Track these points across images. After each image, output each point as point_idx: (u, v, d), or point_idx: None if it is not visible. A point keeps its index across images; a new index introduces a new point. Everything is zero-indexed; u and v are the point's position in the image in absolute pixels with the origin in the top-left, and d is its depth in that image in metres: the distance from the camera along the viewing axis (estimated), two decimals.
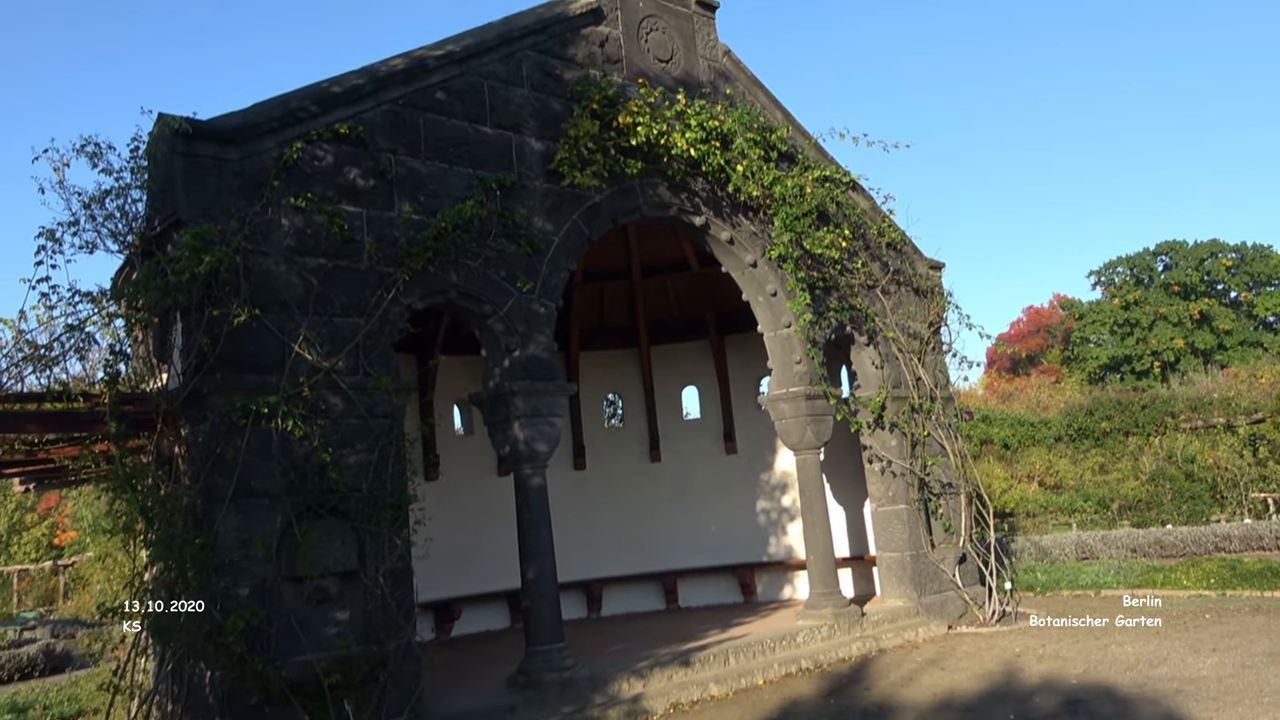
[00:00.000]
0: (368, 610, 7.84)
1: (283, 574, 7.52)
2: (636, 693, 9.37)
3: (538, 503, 9.56)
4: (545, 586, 9.45)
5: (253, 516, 7.47)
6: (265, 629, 7.25)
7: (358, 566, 7.88)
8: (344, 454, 7.94)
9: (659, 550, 15.38)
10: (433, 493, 12.03)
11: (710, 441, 15.99)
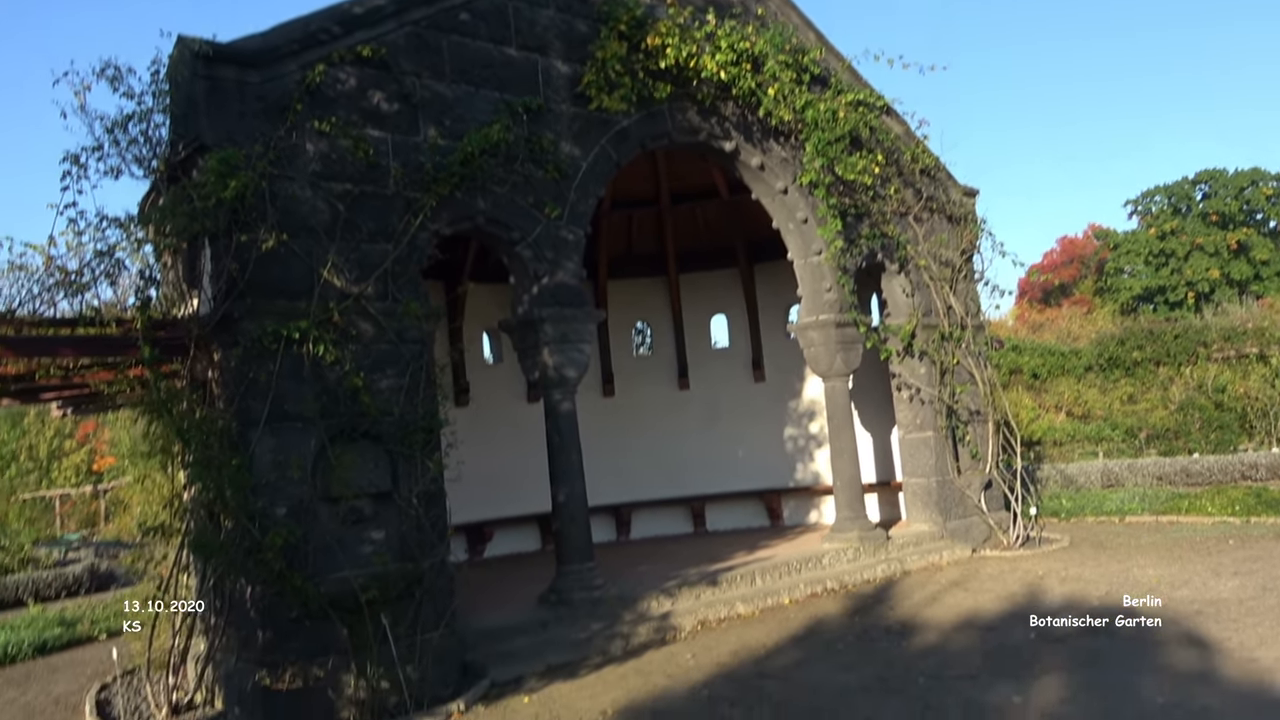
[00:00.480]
0: (402, 530, 8.01)
1: (318, 495, 7.67)
2: (665, 610, 9.57)
3: (567, 427, 9.67)
4: (575, 509, 9.60)
5: (287, 439, 7.60)
6: (303, 547, 7.43)
7: (391, 488, 8.03)
8: (375, 379, 8.03)
9: (687, 476, 15.54)
10: (463, 419, 12.15)
11: (739, 369, 16.02)
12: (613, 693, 7.57)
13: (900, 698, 6.68)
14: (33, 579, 17.82)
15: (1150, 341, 23.39)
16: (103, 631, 12.70)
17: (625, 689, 7.64)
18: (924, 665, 7.48)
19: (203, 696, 8.13)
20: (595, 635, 9.04)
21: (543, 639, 8.87)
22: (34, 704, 9.13)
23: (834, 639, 8.62)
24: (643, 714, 6.95)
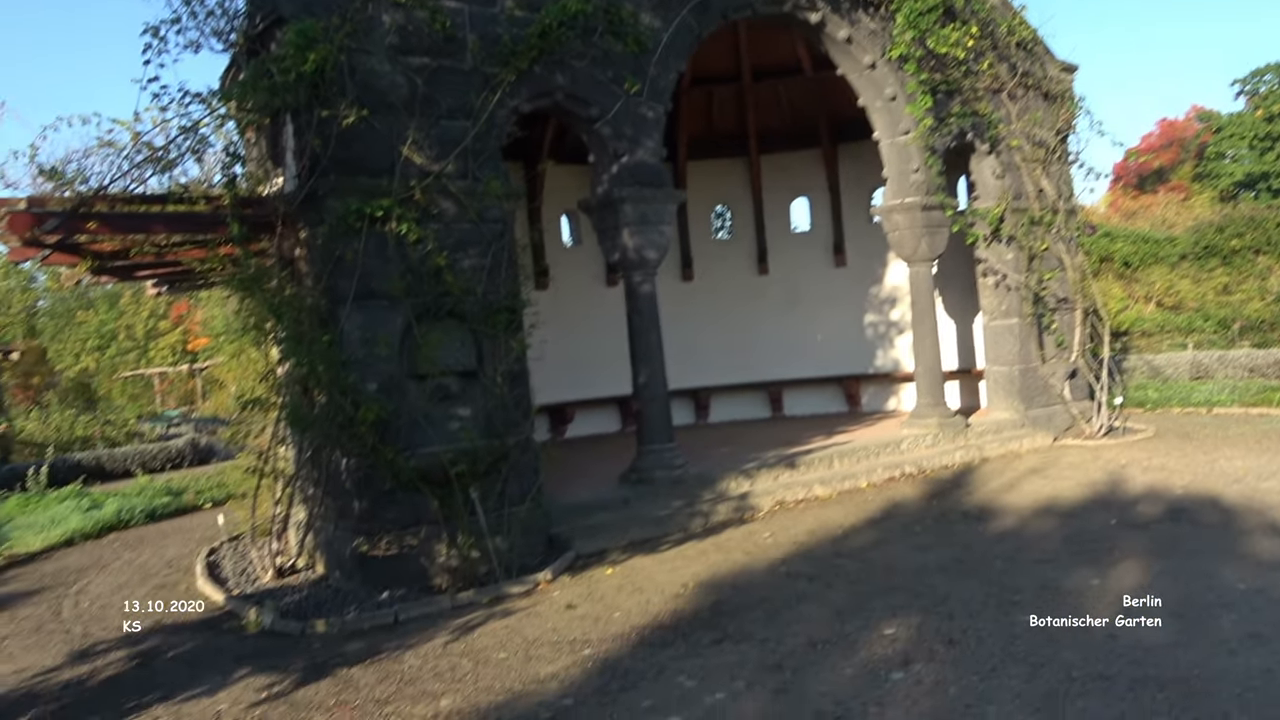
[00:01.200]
0: (488, 408, 8.18)
1: (406, 372, 7.85)
2: (744, 491, 9.70)
3: (648, 309, 9.68)
4: (656, 389, 9.69)
5: (374, 317, 7.75)
6: (394, 422, 7.65)
7: (476, 367, 8.17)
8: (458, 258, 8.09)
9: (765, 361, 15.53)
10: (543, 301, 12.24)
11: (819, 254, 15.77)
12: (693, 567, 7.76)
13: (977, 579, 6.72)
14: (139, 451, 18.80)
15: (1251, 229, 22.28)
16: (207, 501, 13.40)
17: (705, 563, 7.82)
18: (1001, 549, 7.48)
19: (304, 561, 8.56)
20: (675, 513, 9.23)
21: (625, 515, 9.09)
22: (149, 565, 9.73)
23: (911, 521, 8.66)
24: (722, 587, 7.11)
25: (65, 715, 5.62)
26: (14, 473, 15.82)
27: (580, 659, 5.82)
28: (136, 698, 5.78)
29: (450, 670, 5.81)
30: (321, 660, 6.20)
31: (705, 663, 5.58)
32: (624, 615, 6.63)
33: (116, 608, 8.09)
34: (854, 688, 5.00)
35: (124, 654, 6.72)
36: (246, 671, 6.10)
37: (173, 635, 7.11)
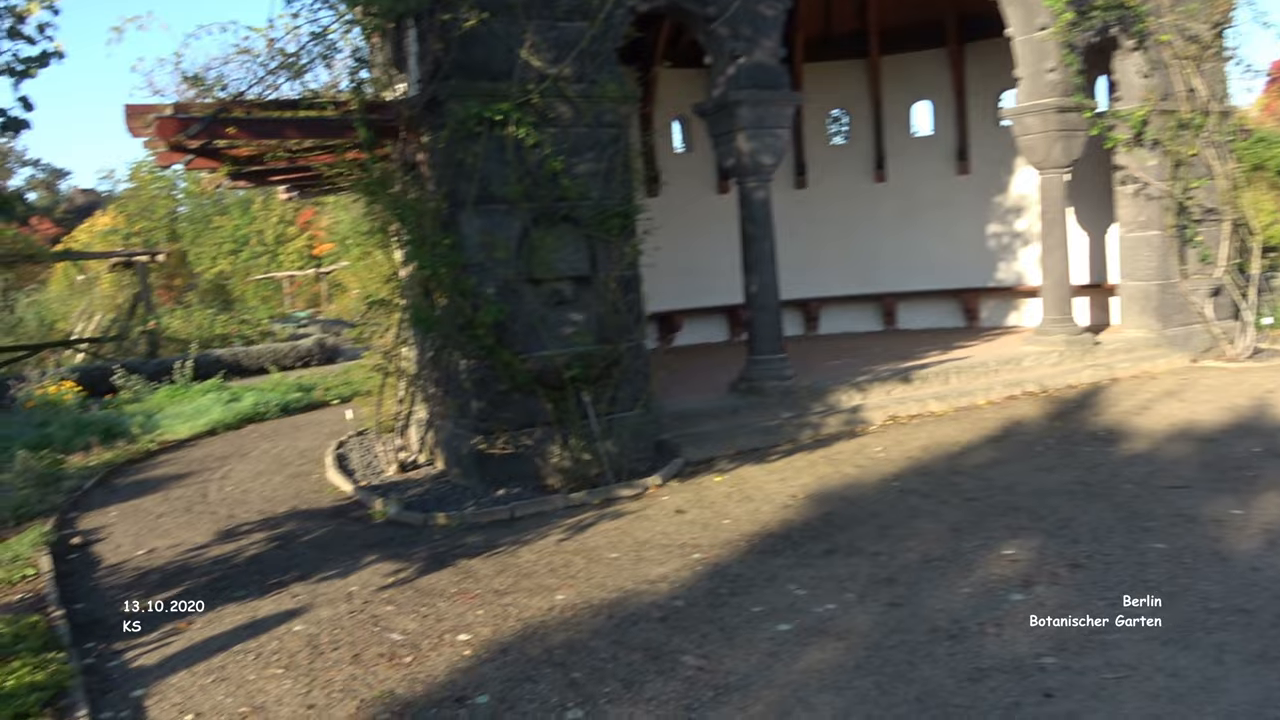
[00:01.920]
0: (600, 313, 8.27)
1: (522, 276, 7.98)
2: (855, 404, 9.62)
3: (761, 216, 9.54)
4: (767, 298, 9.61)
5: (493, 221, 7.86)
6: (510, 325, 7.82)
7: (590, 272, 8.24)
8: (573, 162, 8.09)
9: (878, 272, 15.18)
10: (654, 208, 12.20)
11: (941, 160, 15.17)
12: (802, 478, 7.78)
13: (1105, 503, 6.54)
14: (271, 350, 19.76)
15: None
16: (334, 397, 14.04)
17: (815, 475, 7.84)
18: (1131, 473, 7.24)
19: (425, 457, 8.94)
20: (785, 423, 9.23)
21: (733, 424, 9.14)
22: (284, 455, 10.32)
23: (1032, 441, 8.45)
24: (832, 499, 7.13)
25: (216, 587, 6.08)
26: (162, 366, 16.85)
27: (690, 562, 5.95)
28: (277, 576, 6.21)
29: (564, 566, 6.03)
30: (442, 551, 6.51)
31: (816, 573, 5.63)
32: (733, 522, 6.73)
33: (256, 492, 8.63)
34: (971, 606, 4.98)
35: (264, 535, 7.21)
36: (374, 558, 6.46)
37: (306, 520, 7.57)
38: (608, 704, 4.19)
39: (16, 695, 4.22)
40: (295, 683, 4.59)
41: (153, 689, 4.62)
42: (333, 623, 5.32)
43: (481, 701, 4.29)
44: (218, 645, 5.10)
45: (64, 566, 6.76)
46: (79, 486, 9.14)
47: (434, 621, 5.24)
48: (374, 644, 4.99)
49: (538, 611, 5.29)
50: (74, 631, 5.33)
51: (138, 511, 8.29)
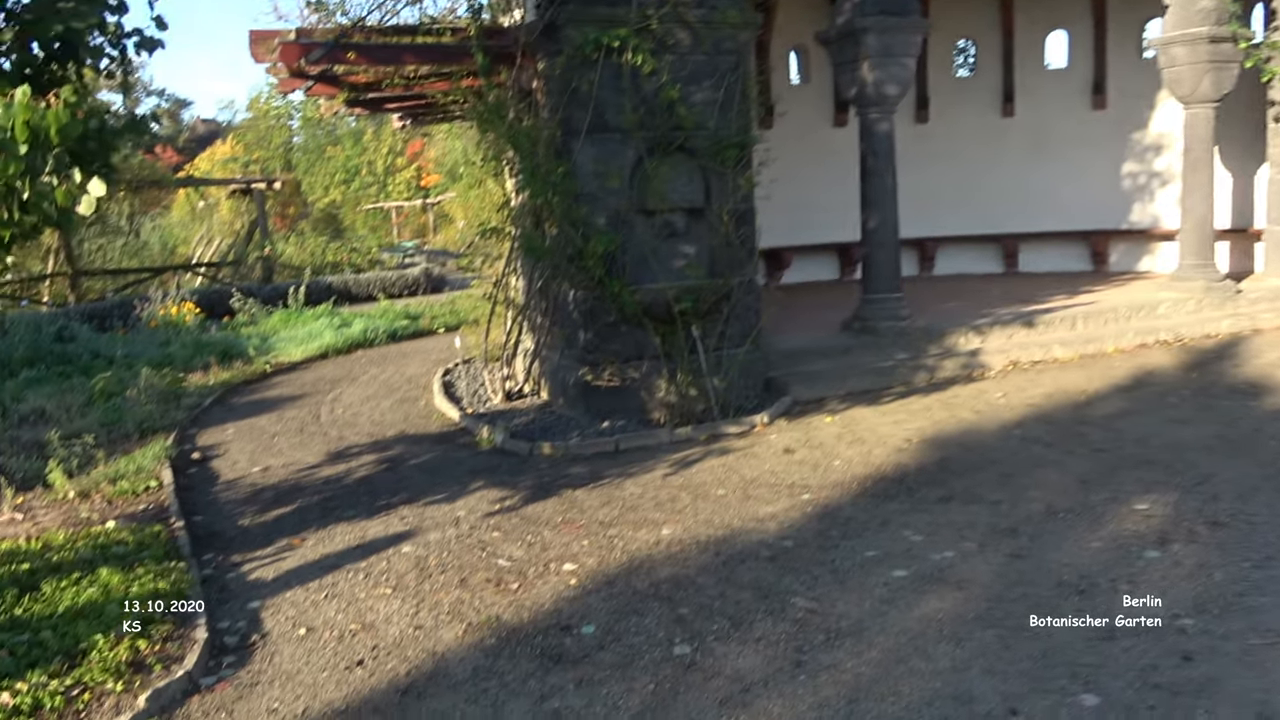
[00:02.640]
0: (712, 246, 8.06)
1: (634, 207, 7.81)
2: (974, 347, 9.22)
3: (883, 149, 9.12)
4: (885, 235, 9.24)
5: (606, 150, 7.69)
6: (620, 256, 7.69)
7: (703, 204, 8.02)
8: (690, 91, 7.83)
9: (1001, 211, 14.47)
10: (767, 142, 11.84)
11: (1075, 94, 14.28)
12: (917, 421, 7.51)
13: (1248, 460, 6.10)
14: (380, 278, 20.11)
15: None
16: (441, 326, 14.21)
17: (930, 419, 7.55)
18: (1277, 428, 6.75)
19: (530, 387, 8.93)
20: (899, 365, 8.92)
21: (844, 364, 8.87)
22: (392, 381, 10.48)
23: (1165, 392, 7.96)
24: (949, 445, 6.85)
25: (327, 506, 6.20)
26: (276, 291, 17.32)
27: (799, 503, 5.79)
28: (386, 498, 6.29)
29: (670, 501, 5.93)
30: (548, 480, 6.50)
31: (932, 519, 5.41)
32: (844, 464, 6.53)
33: (365, 416, 8.78)
34: (1101, 562, 4.70)
35: (373, 458, 7.32)
36: (480, 484, 6.48)
37: (414, 445, 7.65)
38: (715, 641, 4.10)
39: (141, 601, 4.34)
40: (403, 603, 4.63)
41: (268, 601, 4.72)
42: (440, 546, 5.35)
43: (587, 632, 4.25)
44: (329, 563, 5.18)
45: (184, 480, 6.99)
46: (198, 404, 9.45)
47: (539, 550, 5.22)
48: (480, 569, 4.99)
49: (643, 545, 5.22)
50: (193, 543, 5.49)
51: (253, 430, 8.52)
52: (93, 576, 4.63)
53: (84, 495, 6.50)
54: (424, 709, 3.68)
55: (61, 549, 5.11)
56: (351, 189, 46.37)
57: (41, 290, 19.39)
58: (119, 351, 11.81)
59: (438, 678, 3.91)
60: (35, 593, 4.49)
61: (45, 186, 3.23)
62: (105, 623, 4.13)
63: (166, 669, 3.89)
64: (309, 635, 4.34)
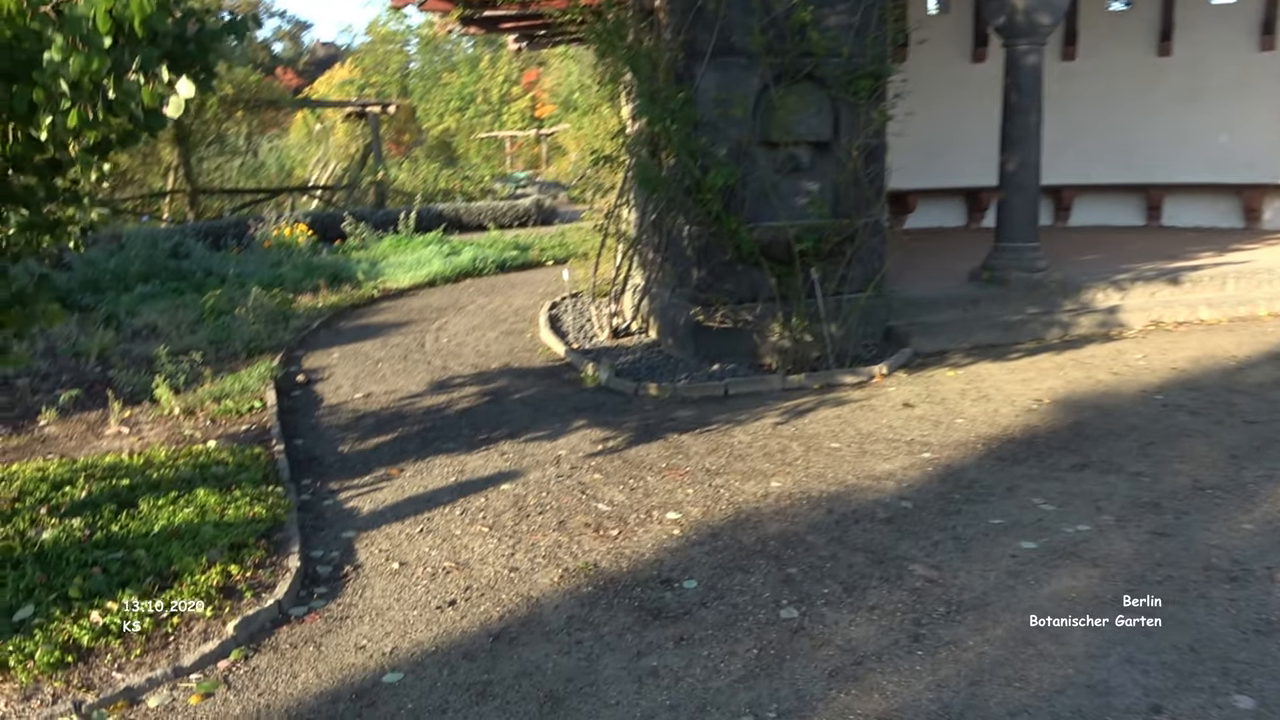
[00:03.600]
0: (837, 183, 7.60)
1: (757, 138, 7.39)
2: (1113, 304, 8.56)
3: (1030, 84, 8.43)
4: (1026, 179, 8.58)
5: (731, 75, 7.27)
6: (739, 191, 7.30)
7: (831, 138, 7.54)
8: (824, 14, 7.30)
9: (1146, 159, 13.44)
10: (898, 76, 11.18)
11: (1240, 33, 13.06)
12: (1048, 381, 6.98)
13: None
14: (491, 208, 20.06)
15: None
16: (549, 258, 14.05)
17: (1063, 379, 7.01)
18: None
19: (638, 324, 8.67)
20: (1030, 319, 8.33)
21: (971, 315, 8.34)
22: (498, 311, 10.36)
23: None
24: (1084, 408, 6.32)
25: (427, 436, 6.09)
26: (388, 217, 17.42)
27: (919, 461, 5.41)
28: (486, 431, 6.14)
29: (780, 452, 5.62)
30: (653, 422, 6.25)
31: (1065, 488, 4.97)
32: (968, 423, 6.09)
33: (470, 346, 8.67)
34: (1255, 546, 4.22)
35: (475, 390, 7.19)
36: (583, 423, 6.27)
37: (518, 379, 7.50)
38: (825, 606, 3.80)
39: (236, 525, 4.27)
40: (499, 543, 4.46)
41: (362, 532, 4.62)
42: (540, 486, 5.16)
43: (689, 586, 4.00)
44: (426, 496, 5.05)
45: (287, 403, 6.98)
46: (305, 326, 9.49)
47: (642, 496, 4.98)
48: (580, 512, 4.79)
49: (751, 497, 4.93)
50: (292, 467, 5.44)
51: (358, 355, 8.50)
52: (190, 496, 4.59)
53: (189, 412, 6.54)
54: (515, 657, 3.50)
55: (162, 466, 5.10)
56: (466, 117, 46.56)
57: (162, 207, 19.97)
58: (231, 270, 12.01)
59: (531, 624, 3.73)
60: (133, 509, 4.47)
61: (132, 85, 3.06)
62: (199, 545, 4.07)
63: (257, 597, 3.81)
64: (401, 570, 4.21)
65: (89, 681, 3.25)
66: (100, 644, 3.42)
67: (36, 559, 3.90)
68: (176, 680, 3.31)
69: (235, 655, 3.47)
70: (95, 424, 6.45)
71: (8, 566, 3.82)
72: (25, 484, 4.73)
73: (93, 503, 4.50)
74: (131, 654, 3.41)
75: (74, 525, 4.23)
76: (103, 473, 4.98)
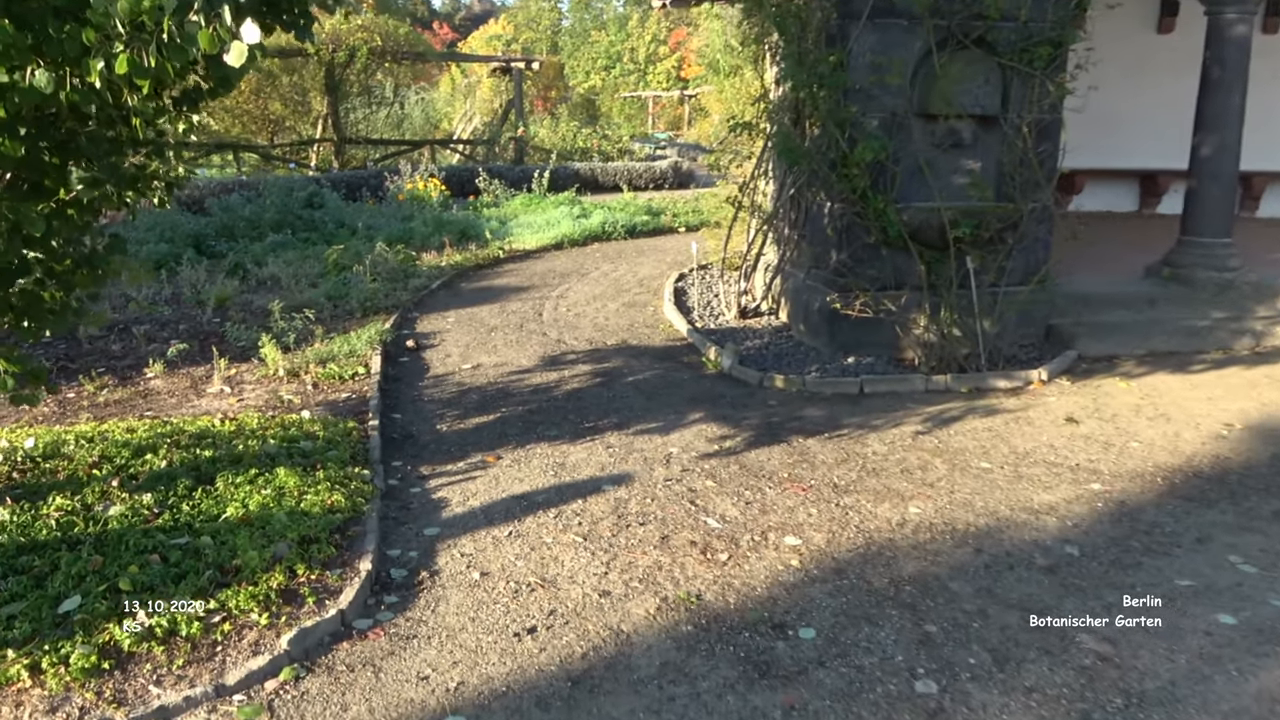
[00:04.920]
0: (1003, 162, 6.75)
1: (914, 109, 6.60)
2: None
3: (1234, 57, 7.34)
4: (1222, 165, 7.52)
5: (889, 38, 6.49)
6: (890, 167, 6.55)
7: (998, 111, 6.68)
8: None
9: None
10: (1081, 44, 10.04)
11: None
12: (1238, 400, 6.03)
13: None
14: (627, 169, 19.58)
15: None
16: (681, 225, 13.47)
17: (1256, 399, 6.05)
18: None
19: (768, 305, 8.03)
20: (1216, 326, 7.31)
21: (1147, 317, 7.37)
22: (622, 280, 9.87)
23: None
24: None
25: (531, 420, 5.64)
26: (524, 174, 17.16)
27: (1087, 494, 4.64)
28: (594, 418, 5.66)
29: (920, 469, 4.93)
30: (777, 421, 5.64)
31: (1269, 544, 4.14)
32: (1144, 448, 5.25)
33: (589, 318, 8.21)
34: None
35: (588, 369, 6.71)
36: (700, 416, 5.71)
37: (634, 358, 6.98)
38: (971, 682, 3.16)
39: (311, 516, 3.91)
40: (593, 558, 3.96)
41: (446, 530, 4.19)
42: (645, 489, 4.64)
43: (806, 637, 3.41)
44: (520, 492, 4.60)
45: (392, 370, 6.66)
46: (425, 286, 9.21)
47: (758, 512, 4.40)
48: (686, 526, 4.24)
49: (885, 524, 4.29)
50: (384, 446, 5.07)
51: (472, 321, 8.14)
52: (270, 476, 4.25)
53: (293, 374, 6.29)
54: (595, 710, 3.00)
55: (250, 436, 4.81)
56: (612, 75, 46.29)
57: (310, 154, 20.27)
58: (361, 223, 11.89)
59: (617, 668, 3.22)
60: (209, 487, 4.17)
61: (193, 27, 2.64)
62: (269, 536, 3.72)
63: (319, 605, 3.41)
64: (482, 583, 3.76)
65: (122, 695, 2.92)
66: (142, 649, 3.09)
67: (97, 540, 3.63)
68: (217, 701, 2.95)
69: (286, 674, 3.09)
70: (199, 380, 6.28)
71: (65, 548, 3.55)
72: (108, 448, 4.50)
73: (169, 475, 4.22)
74: (174, 664, 3.06)
75: (144, 502, 3.95)
76: (189, 440, 4.71)
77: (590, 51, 47.73)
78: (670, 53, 45.47)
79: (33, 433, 4.83)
